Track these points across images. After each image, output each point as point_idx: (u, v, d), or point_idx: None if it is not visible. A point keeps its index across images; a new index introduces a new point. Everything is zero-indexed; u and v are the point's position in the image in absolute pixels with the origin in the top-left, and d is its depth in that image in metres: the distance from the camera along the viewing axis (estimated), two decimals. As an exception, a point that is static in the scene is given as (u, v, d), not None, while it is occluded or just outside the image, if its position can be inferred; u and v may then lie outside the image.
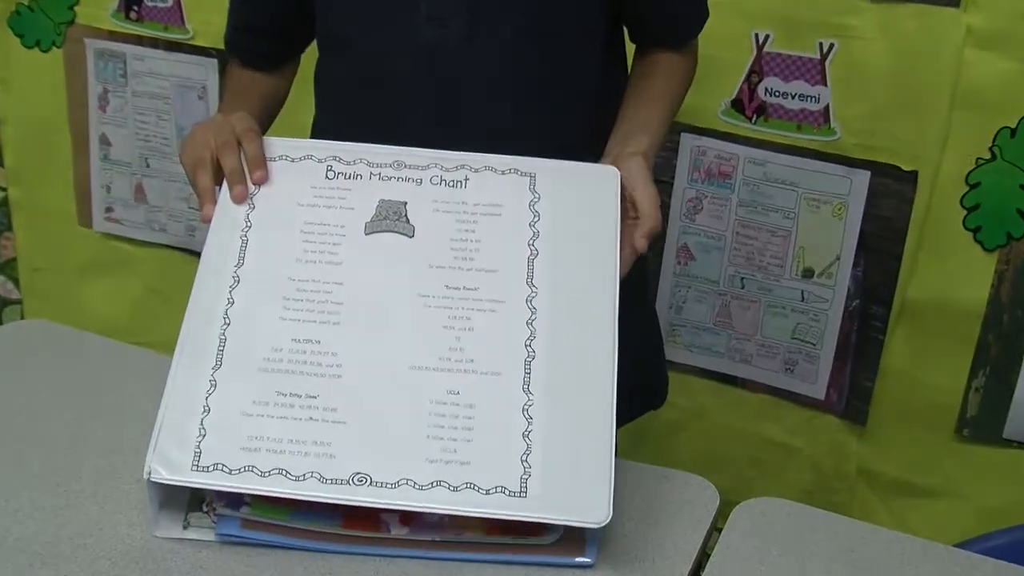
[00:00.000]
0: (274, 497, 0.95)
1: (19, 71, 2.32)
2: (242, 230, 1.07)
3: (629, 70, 1.31)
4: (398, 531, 0.96)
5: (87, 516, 1.03)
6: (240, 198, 1.09)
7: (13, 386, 1.24)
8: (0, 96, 2.34)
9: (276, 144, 1.12)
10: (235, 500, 0.97)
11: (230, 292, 1.03)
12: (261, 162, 1.11)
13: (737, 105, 1.81)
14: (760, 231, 1.86)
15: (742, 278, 1.90)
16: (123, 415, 1.18)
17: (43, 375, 1.26)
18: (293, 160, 1.11)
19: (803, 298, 1.86)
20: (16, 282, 2.52)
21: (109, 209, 2.34)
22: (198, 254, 2.22)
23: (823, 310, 1.85)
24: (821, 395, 1.88)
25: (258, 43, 1.33)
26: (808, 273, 1.84)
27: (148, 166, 2.26)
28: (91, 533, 1.00)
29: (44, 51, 2.28)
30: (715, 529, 1.06)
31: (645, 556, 0.99)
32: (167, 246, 2.32)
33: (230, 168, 1.10)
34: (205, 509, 0.97)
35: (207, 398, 0.97)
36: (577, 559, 0.95)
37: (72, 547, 0.98)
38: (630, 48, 1.32)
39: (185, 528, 0.98)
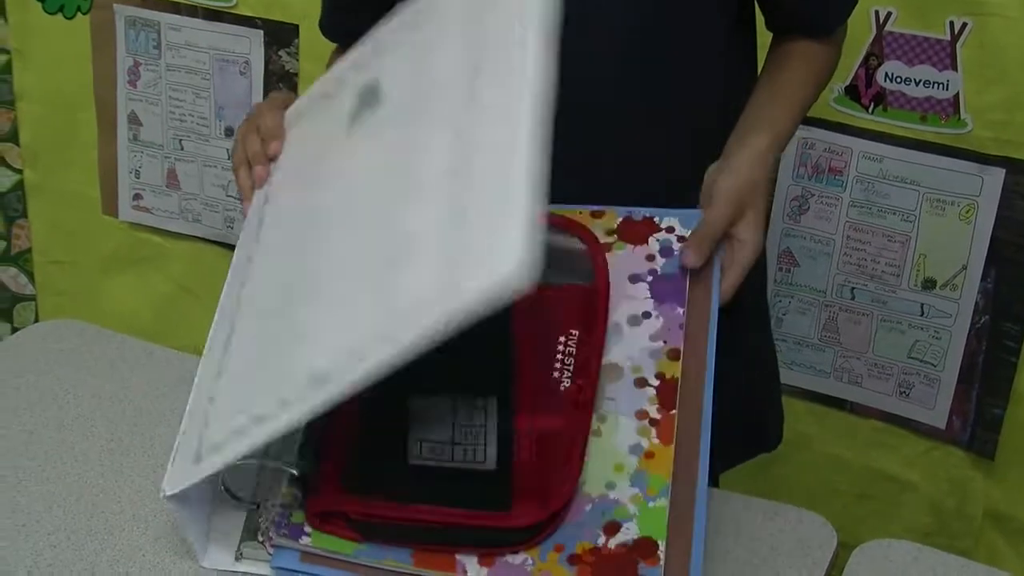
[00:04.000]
0: (338, 529, 0.97)
1: (39, 40, 2.35)
2: (260, 208, 1.10)
3: (757, 61, 1.30)
4: (475, 572, 0.97)
5: (128, 541, 1.05)
6: (260, 178, 1.15)
7: (41, 394, 1.26)
8: (16, 68, 2.38)
9: (301, 101, 1.18)
10: (295, 530, 0.98)
11: (244, 273, 1.06)
12: (275, 133, 1.16)
13: (852, 92, 1.81)
14: (874, 235, 1.86)
15: (852, 288, 1.90)
16: (166, 427, 1.20)
17: (75, 382, 1.29)
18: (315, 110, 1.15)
19: (923, 312, 1.85)
20: (30, 276, 2.56)
21: (137, 196, 2.37)
22: (235, 248, 2.28)
23: (946, 327, 1.84)
24: (942, 423, 1.87)
25: (360, 22, 1.35)
26: (929, 284, 1.84)
27: (182, 149, 2.29)
28: (132, 560, 1.02)
29: (68, 18, 2.31)
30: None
31: (754, 602, 1.00)
32: (201, 239, 2.34)
33: (251, 152, 1.17)
34: (260, 539, 0.99)
35: (214, 387, 1.00)
36: None
37: None
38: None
39: (238, 559, 1.00)
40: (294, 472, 1.01)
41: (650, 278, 1.12)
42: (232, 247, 2.26)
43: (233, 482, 1.01)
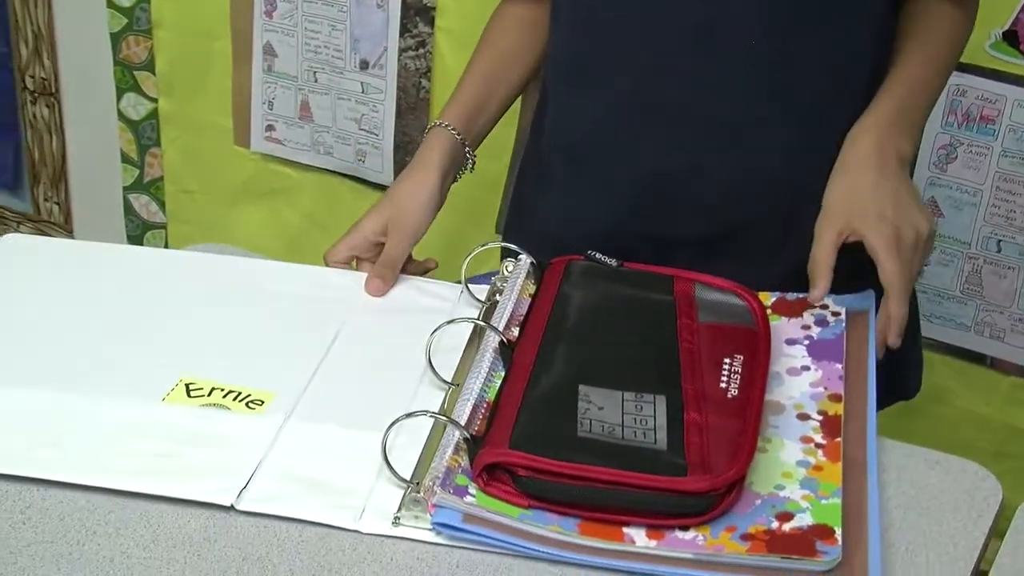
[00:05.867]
0: (504, 493, 0.96)
1: (177, -31, 2.37)
2: None
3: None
4: (644, 544, 0.94)
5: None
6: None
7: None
8: (155, -4, 2.40)
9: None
10: (459, 491, 0.97)
11: None
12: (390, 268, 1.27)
13: (1010, 38, 1.75)
14: (1025, 187, 1.81)
15: (999, 240, 1.85)
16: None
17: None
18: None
19: (1073, 268, 1.81)
20: (162, 204, 2.59)
21: (270, 128, 2.38)
22: (366, 182, 2.30)
23: (1097, 283, 1.79)
24: (1088, 382, 1.83)
25: None
26: (1081, 239, 1.79)
27: (316, 81, 2.29)
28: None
29: (208, -54, 2.33)
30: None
31: (919, 550, 0.98)
32: (332, 172, 2.35)
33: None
34: (423, 494, 0.96)
35: None
36: None
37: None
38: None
39: (395, 524, 0.97)
40: (467, 435, 1.00)
41: (807, 342, 1.15)
42: (362, 181, 2.29)
43: (395, 457, 1.00)
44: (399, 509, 0.97)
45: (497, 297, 1.20)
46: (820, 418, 1.06)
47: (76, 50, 2.57)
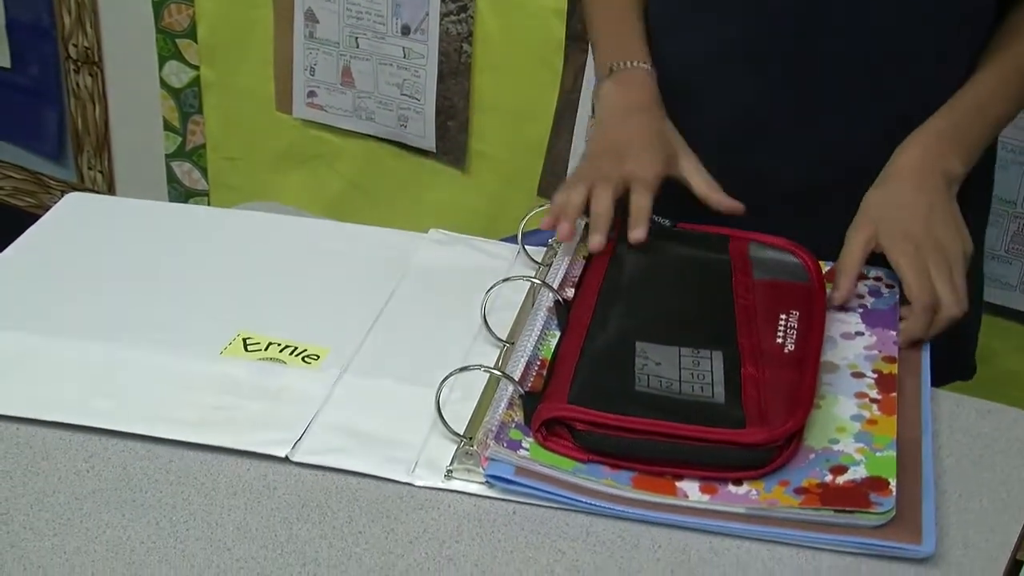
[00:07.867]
0: (561, 447, 0.97)
1: (217, -64, 2.38)
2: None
3: None
4: (697, 498, 0.95)
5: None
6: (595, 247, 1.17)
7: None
8: (196, -36, 2.41)
9: None
10: (512, 444, 0.98)
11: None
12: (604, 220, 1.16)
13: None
14: (1072, 145, 1.80)
15: (1044, 199, 1.85)
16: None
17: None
18: None
19: (1121, 227, 1.80)
20: (204, 171, 2.61)
21: (311, 94, 2.39)
22: (408, 147, 2.30)
23: None
24: None
25: None
26: None
27: (358, 46, 2.29)
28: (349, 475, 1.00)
29: (249, -87, 2.34)
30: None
31: (972, 497, 0.98)
32: (374, 137, 2.36)
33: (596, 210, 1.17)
34: (476, 447, 0.97)
35: None
36: (912, 547, 0.91)
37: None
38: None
39: (447, 478, 0.98)
40: (522, 390, 1.01)
41: (860, 310, 1.16)
42: (404, 146, 2.30)
43: (448, 412, 1.01)
44: (451, 462, 0.98)
45: (553, 258, 1.21)
46: (875, 376, 1.07)
47: (118, 19, 2.59)
